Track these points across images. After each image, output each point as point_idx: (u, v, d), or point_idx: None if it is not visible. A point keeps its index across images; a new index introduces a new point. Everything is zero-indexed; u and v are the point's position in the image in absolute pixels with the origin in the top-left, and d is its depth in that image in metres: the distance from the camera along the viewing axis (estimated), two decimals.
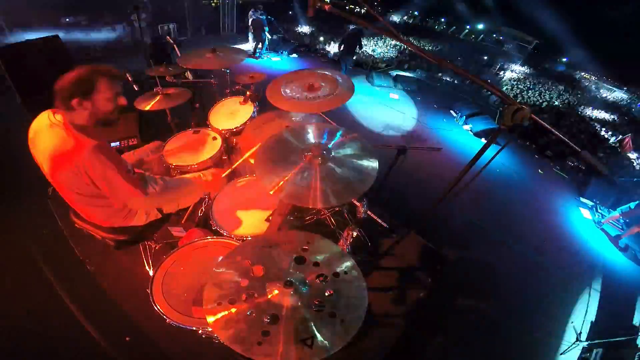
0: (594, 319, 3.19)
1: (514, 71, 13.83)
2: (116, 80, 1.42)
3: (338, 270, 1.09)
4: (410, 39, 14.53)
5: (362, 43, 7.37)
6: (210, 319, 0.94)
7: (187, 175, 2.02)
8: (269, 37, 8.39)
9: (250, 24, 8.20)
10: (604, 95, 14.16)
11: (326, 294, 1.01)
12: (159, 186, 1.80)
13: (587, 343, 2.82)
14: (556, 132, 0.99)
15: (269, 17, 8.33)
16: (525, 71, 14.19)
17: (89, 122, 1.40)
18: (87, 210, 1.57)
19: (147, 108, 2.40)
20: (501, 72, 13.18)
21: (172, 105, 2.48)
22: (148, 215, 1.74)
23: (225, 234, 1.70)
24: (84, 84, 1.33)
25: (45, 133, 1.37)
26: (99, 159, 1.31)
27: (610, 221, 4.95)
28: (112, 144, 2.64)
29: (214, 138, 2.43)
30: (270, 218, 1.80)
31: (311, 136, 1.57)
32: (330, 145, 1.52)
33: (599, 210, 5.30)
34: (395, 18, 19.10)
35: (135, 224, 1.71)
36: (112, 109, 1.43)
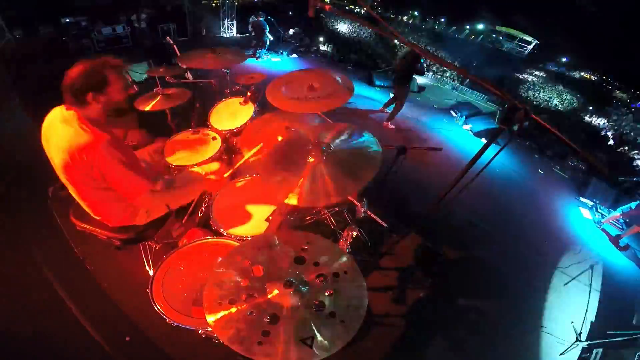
0: (593, 319, 3.19)
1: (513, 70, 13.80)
2: (122, 70, 1.46)
3: (338, 270, 1.09)
4: (410, 38, 14.51)
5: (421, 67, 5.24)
6: (210, 319, 0.94)
7: (193, 170, 2.06)
8: (270, 38, 8.42)
9: (250, 26, 8.26)
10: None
11: (326, 294, 1.01)
12: (165, 182, 1.84)
13: (587, 343, 2.82)
14: (556, 132, 0.99)
15: (269, 17, 8.35)
16: (525, 71, 14.17)
17: (103, 115, 1.45)
18: (95, 205, 1.59)
19: (147, 108, 2.40)
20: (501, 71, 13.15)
21: (172, 106, 2.48)
22: (149, 214, 1.74)
23: (225, 234, 1.70)
24: (97, 78, 1.36)
25: (59, 128, 1.40)
26: (112, 154, 1.36)
27: (611, 221, 4.95)
28: None
29: (214, 138, 2.43)
30: (270, 218, 1.80)
31: (311, 136, 1.57)
32: (330, 144, 1.52)
33: (599, 210, 5.30)
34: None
35: (137, 223, 1.71)
36: (124, 98, 1.49)
